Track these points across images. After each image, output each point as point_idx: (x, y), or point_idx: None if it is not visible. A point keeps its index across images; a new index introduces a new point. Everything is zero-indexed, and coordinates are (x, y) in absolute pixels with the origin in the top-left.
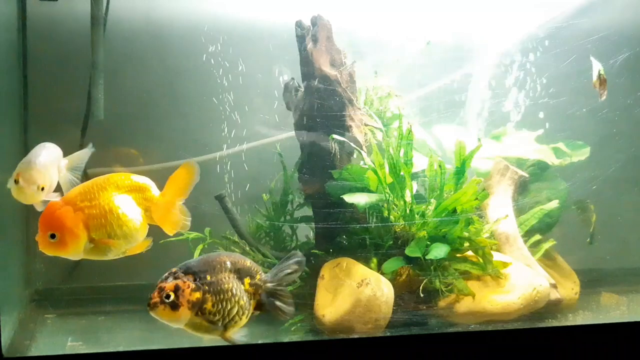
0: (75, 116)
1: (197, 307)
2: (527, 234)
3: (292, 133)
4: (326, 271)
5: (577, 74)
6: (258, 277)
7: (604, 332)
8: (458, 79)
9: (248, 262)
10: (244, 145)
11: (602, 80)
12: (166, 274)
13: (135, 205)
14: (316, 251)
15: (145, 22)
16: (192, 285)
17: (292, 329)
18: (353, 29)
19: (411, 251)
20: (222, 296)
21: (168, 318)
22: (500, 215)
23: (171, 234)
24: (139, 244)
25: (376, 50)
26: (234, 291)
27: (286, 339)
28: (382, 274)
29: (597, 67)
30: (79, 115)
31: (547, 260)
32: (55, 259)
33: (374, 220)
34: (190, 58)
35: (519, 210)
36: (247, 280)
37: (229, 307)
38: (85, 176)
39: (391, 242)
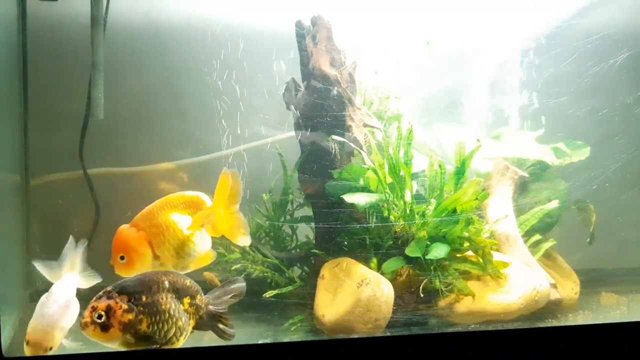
0: (75, 116)
1: (130, 329)
2: (527, 234)
3: (292, 133)
4: (326, 271)
5: (577, 74)
6: (198, 297)
7: (604, 332)
8: (458, 79)
9: (188, 282)
10: (244, 145)
11: None
12: (100, 293)
13: (191, 220)
14: (316, 251)
15: (145, 22)
16: (125, 306)
17: (292, 329)
18: (353, 29)
19: (411, 251)
20: (158, 317)
21: (99, 338)
22: (500, 215)
23: (235, 242)
24: (204, 256)
25: (376, 51)
26: (171, 312)
27: (286, 339)
28: (382, 274)
29: None
30: (79, 115)
31: (547, 260)
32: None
33: (374, 220)
34: (190, 58)
35: (519, 210)
36: (186, 300)
37: (165, 328)
38: (86, 176)
39: (391, 242)
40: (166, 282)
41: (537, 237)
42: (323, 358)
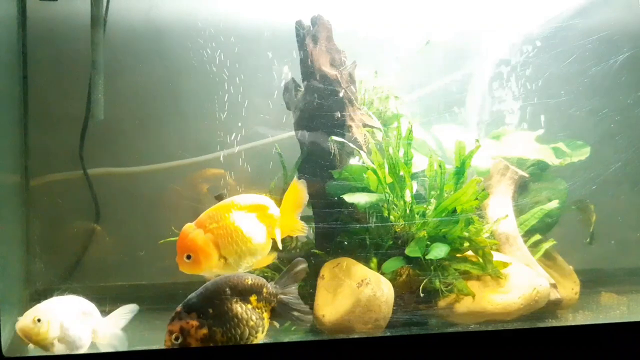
0: (75, 116)
1: (207, 342)
2: (527, 234)
3: (292, 133)
4: (326, 271)
5: (577, 74)
6: (265, 290)
7: (604, 332)
8: (458, 79)
9: (249, 281)
10: (244, 145)
11: None
12: (172, 315)
13: (258, 223)
14: (316, 251)
15: (145, 22)
16: (196, 323)
17: (292, 328)
18: (353, 29)
19: (411, 251)
20: (229, 325)
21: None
22: (500, 215)
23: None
24: (265, 257)
25: (376, 50)
26: (239, 316)
27: (286, 339)
28: (382, 274)
29: None
30: (79, 115)
31: (547, 260)
32: (53, 259)
33: (374, 220)
34: (190, 58)
35: (519, 210)
36: (252, 298)
37: (239, 332)
38: (86, 176)
39: (391, 242)
40: (227, 290)
41: (537, 237)
42: (323, 358)
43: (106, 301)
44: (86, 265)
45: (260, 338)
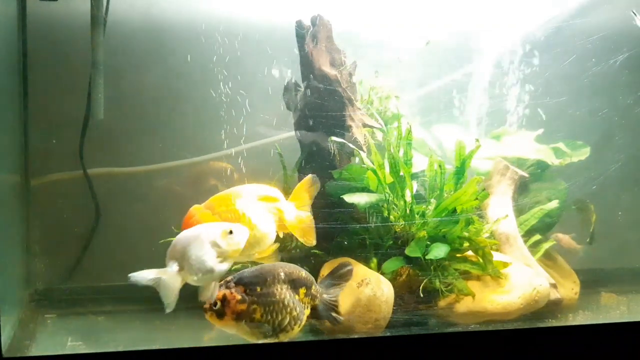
0: (75, 116)
1: (243, 318)
2: (527, 234)
3: (292, 133)
4: (326, 271)
5: (577, 74)
6: (314, 287)
7: (604, 332)
8: (458, 79)
9: (303, 273)
10: (244, 145)
11: None
12: (221, 282)
13: (266, 213)
14: (316, 251)
15: (145, 22)
16: (239, 297)
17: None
18: (353, 29)
19: (411, 251)
20: (272, 307)
21: (216, 324)
22: (500, 215)
23: (306, 242)
24: (268, 248)
25: (376, 50)
26: (285, 302)
27: (286, 339)
28: (382, 274)
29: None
30: (79, 115)
31: (547, 260)
32: (53, 259)
33: (374, 220)
34: (190, 58)
35: (519, 210)
36: (302, 291)
37: (279, 317)
38: (86, 176)
39: (391, 242)
40: (282, 274)
41: (537, 237)
42: (323, 358)
43: (106, 301)
44: (86, 265)
45: (296, 331)
